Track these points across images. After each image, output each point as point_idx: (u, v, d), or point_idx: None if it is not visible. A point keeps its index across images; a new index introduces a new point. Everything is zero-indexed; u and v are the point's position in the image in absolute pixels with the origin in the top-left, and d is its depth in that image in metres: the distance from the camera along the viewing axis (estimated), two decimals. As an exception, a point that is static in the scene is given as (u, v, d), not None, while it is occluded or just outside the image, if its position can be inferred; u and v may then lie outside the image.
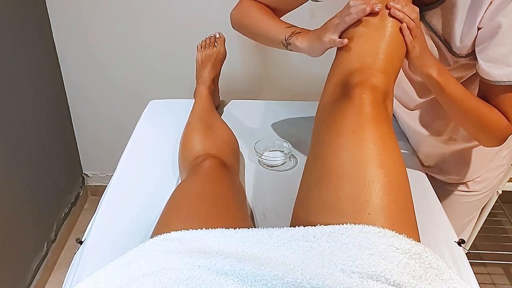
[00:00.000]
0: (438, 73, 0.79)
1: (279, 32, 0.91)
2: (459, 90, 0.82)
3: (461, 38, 0.83)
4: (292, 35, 0.89)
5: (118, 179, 1.06)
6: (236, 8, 1.03)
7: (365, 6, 0.73)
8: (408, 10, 0.74)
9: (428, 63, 0.79)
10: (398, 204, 0.65)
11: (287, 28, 0.91)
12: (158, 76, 1.83)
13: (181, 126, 1.12)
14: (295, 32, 0.89)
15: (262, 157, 1.09)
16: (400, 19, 0.74)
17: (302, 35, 0.88)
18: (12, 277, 1.55)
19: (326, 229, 0.62)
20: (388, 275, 0.56)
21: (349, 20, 0.76)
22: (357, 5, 0.75)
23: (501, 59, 0.78)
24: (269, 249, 0.62)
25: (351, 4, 0.76)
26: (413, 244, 0.60)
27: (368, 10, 0.73)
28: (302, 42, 0.87)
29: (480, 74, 0.82)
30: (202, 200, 0.80)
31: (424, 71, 0.80)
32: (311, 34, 0.86)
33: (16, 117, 1.54)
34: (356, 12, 0.74)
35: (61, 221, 1.91)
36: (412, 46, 0.76)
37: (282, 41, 0.91)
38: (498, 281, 1.81)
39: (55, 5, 1.66)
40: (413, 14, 0.74)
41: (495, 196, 1.50)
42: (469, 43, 0.83)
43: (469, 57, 0.85)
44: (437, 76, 0.79)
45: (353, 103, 0.70)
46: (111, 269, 0.63)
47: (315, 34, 0.85)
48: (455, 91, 0.81)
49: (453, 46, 0.85)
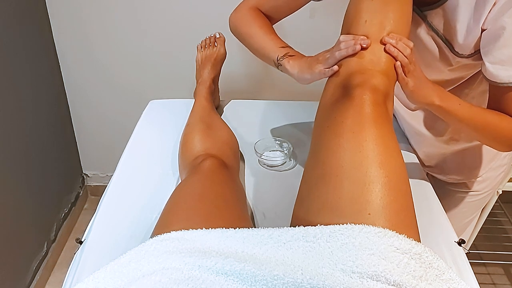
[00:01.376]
0: (439, 99, 0.79)
1: (272, 50, 0.91)
2: (464, 109, 0.81)
3: (464, 38, 0.82)
4: (284, 57, 0.89)
5: (118, 179, 1.06)
6: (235, 13, 1.02)
7: (353, 43, 0.74)
8: (401, 46, 0.73)
9: (427, 92, 0.79)
10: (398, 204, 0.65)
11: (281, 48, 0.90)
12: (158, 76, 1.83)
13: (181, 126, 1.12)
14: (288, 54, 0.89)
15: (262, 157, 1.09)
16: (394, 56, 0.73)
17: (294, 59, 0.88)
18: (12, 277, 1.55)
19: (326, 229, 0.62)
20: (388, 275, 0.56)
21: (338, 56, 0.76)
22: (347, 40, 0.75)
23: (508, 60, 0.77)
24: (269, 249, 0.62)
25: (341, 40, 0.77)
26: (413, 244, 0.60)
27: (358, 48, 0.74)
28: (292, 67, 0.87)
29: (487, 77, 0.81)
30: (202, 200, 0.80)
31: (424, 101, 0.79)
32: (302, 62, 0.86)
33: (16, 117, 1.54)
34: (345, 49, 0.75)
35: (61, 221, 1.91)
36: (405, 83, 0.76)
37: (274, 60, 0.90)
38: (498, 281, 1.81)
39: (55, 5, 1.66)
40: (406, 50, 0.74)
41: (495, 196, 1.50)
42: (472, 44, 0.82)
43: (472, 57, 0.85)
44: (440, 102, 0.79)
45: (353, 104, 0.70)
46: (111, 269, 0.63)
47: (306, 62, 0.85)
48: (461, 111, 0.81)
49: (455, 46, 0.85)
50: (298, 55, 0.89)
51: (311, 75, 0.83)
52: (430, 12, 0.85)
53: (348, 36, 0.76)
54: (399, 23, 0.76)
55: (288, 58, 0.88)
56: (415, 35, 0.89)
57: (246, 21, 0.98)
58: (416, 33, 0.89)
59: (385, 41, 0.74)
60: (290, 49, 0.91)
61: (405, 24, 0.78)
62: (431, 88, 0.79)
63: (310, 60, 0.84)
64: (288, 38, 0.96)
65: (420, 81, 0.78)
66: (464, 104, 0.81)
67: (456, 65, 0.89)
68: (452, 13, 0.81)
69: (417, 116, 1.08)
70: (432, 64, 0.91)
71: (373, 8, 0.77)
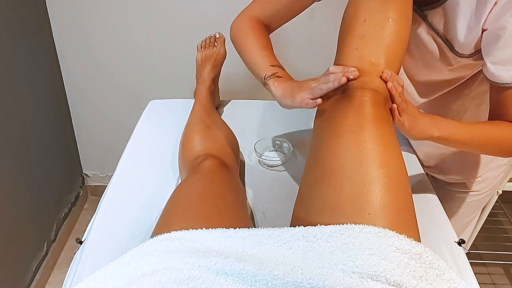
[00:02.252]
0: (437, 130, 0.78)
1: (262, 68, 0.88)
2: (464, 131, 0.80)
3: (464, 38, 0.82)
4: (272, 77, 0.86)
5: (118, 179, 1.06)
6: (236, 21, 1.00)
7: (341, 75, 0.72)
8: (395, 84, 0.72)
9: (423, 127, 0.77)
10: (398, 204, 0.65)
11: (271, 67, 0.88)
12: (158, 76, 1.83)
13: (181, 126, 1.12)
14: (276, 74, 0.86)
15: (262, 157, 1.09)
16: (393, 95, 0.72)
17: (280, 81, 0.85)
18: (12, 277, 1.55)
19: (327, 229, 0.62)
20: (388, 275, 0.56)
21: (325, 88, 0.74)
22: (336, 73, 0.73)
23: (509, 60, 0.77)
24: (269, 249, 0.62)
25: (331, 71, 0.75)
26: (413, 244, 0.60)
27: (344, 81, 0.72)
28: (276, 89, 0.84)
29: (488, 77, 0.80)
30: (202, 200, 0.80)
31: (422, 136, 0.78)
32: (287, 86, 0.83)
33: (16, 117, 1.54)
34: (332, 81, 0.73)
35: (61, 221, 1.91)
36: (401, 124, 0.74)
37: (261, 78, 0.88)
38: (498, 281, 1.81)
39: (55, 5, 1.66)
40: (398, 89, 0.73)
41: (495, 196, 1.50)
42: (472, 43, 0.82)
43: (472, 57, 0.85)
44: (439, 133, 0.78)
45: (353, 104, 0.70)
46: (111, 269, 0.63)
47: (290, 87, 0.82)
48: (461, 135, 0.80)
49: (456, 46, 0.85)
50: (286, 77, 0.86)
51: (292, 102, 0.80)
52: (430, 11, 0.85)
53: (338, 68, 0.74)
54: (399, 22, 0.75)
55: (275, 79, 0.85)
56: (415, 34, 0.89)
57: (244, 31, 0.96)
58: (416, 33, 0.89)
59: (386, 78, 0.72)
60: (280, 69, 0.88)
61: (405, 24, 0.77)
62: (426, 121, 0.78)
63: (295, 86, 0.81)
64: (288, 38, 0.96)
65: (414, 117, 0.76)
66: (461, 126, 0.80)
67: (456, 65, 0.89)
68: (452, 13, 0.81)
69: None
70: (432, 64, 0.91)
71: (372, 8, 0.76)
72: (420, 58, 0.92)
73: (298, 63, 1.74)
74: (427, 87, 0.99)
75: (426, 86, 0.99)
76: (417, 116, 0.77)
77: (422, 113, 0.79)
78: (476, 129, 0.81)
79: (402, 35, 0.76)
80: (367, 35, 0.75)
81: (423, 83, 0.98)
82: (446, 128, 0.79)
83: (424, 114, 0.79)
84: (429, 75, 0.95)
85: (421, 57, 0.92)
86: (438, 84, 0.97)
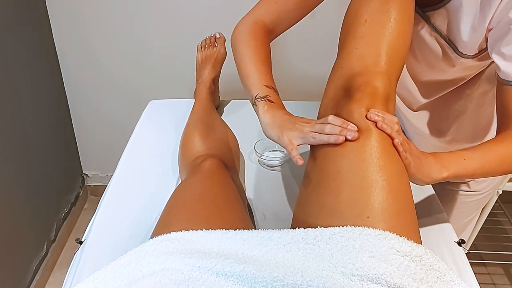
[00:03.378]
0: (445, 170, 0.72)
1: (255, 85, 0.82)
2: (473, 160, 0.75)
3: (468, 38, 0.81)
4: (263, 99, 0.80)
5: (118, 179, 1.06)
6: (238, 27, 0.93)
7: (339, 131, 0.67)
8: (389, 123, 0.68)
9: (429, 171, 0.72)
10: (398, 207, 0.64)
11: (264, 87, 0.82)
12: (158, 76, 1.82)
13: (181, 126, 1.12)
14: (267, 97, 0.80)
15: (262, 157, 1.09)
16: (388, 133, 0.67)
17: (270, 108, 0.79)
18: (12, 277, 1.55)
19: (326, 231, 0.62)
20: (388, 278, 0.55)
21: (318, 139, 0.69)
22: (334, 125, 0.68)
23: None
24: (269, 251, 0.62)
25: (330, 121, 0.69)
26: (414, 247, 0.60)
27: (341, 140, 0.67)
28: (264, 115, 0.78)
29: (502, 76, 0.77)
30: (202, 200, 0.80)
31: (430, 181, 0.73)
32: (277, 116, 0.77)
33: (16, 117, 1.54)
34: (328, 137, 0.68)
35: (61, 221, 1.91)
36: (408, 163, 0.69)
37: (252, 96, 0.82)
38: (498, 281, 1.81)
39: (55, 5, 1.66)
40: (395, 127, 0.68)
41: (495, 196, 1.50)
42: (477, 44, 0.81)
43: (477, 58, 0.84)
44: (447, 173, 0.72)
45: (354, 107, 0.70)
46: (111, 270, 0.63)
47: (280, 119, 0.76)
48: (471, 165, 0.74)
49: (459, 47, 0.84)
50: (278, 104, 0.80)
51: (278, 138, 0.75)
52: (433, 12, 0.84)
53: (337, 120, 0.69)
54: (401, 22, 0.75)
55: (265, 102, 0.80)
56: (418, 36, 0.88)
57: (245, 39, 0.90)
58: (419, 34, 0.88)
59: (371, 118, 0.67)
60: (273, 92, 0.82)
61: (406, 24, 0.76)
62: (432, 162, 0.72)
63: (286, 120, 0.76)
64: (288, 38, 0.96)
65: (419, 159, 0.71)
66: (468, 154, 0.75)
67: (459, 66, 0.88)
68: (455, 13, 0.80)
69: (419, 117, 1.08)
70: (435, 65, 0.91)
71: (373, 8, 0.75)
72: (423, 59, 0.92)
73: (298, 64, 1.75)
74: (430, 87, 0.99)
75: (428, 86, 0.99)
76: (421, 157, 0.72)
77: (426, 153, 0.73)
78: (484, 152, 0.76)
79: (404, 35, 0.76)
80: (368, 34, 0.75)
81: (426, 83, 0.98)
82: (453, 164, 0.73)
83: (427, 154, 0.73)
84: (432, 76, 0.95)
85: (423, 58, 0.92)
86: (441, 84, 0.97)
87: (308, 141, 0.71)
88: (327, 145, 0.70)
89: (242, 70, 0.87)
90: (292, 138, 0.73)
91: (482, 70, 0.92)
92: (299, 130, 0.73)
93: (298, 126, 0.73)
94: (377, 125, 0.67)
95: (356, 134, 0.67)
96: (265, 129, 0.78)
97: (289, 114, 0.78)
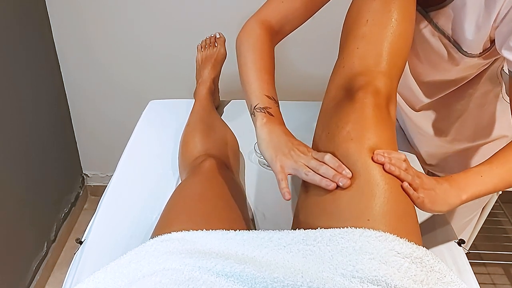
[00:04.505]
0: (463, 192, 0.70)
1: (255, 94, 0.79)
2: (493, 175, 0.71)
3: (472, 37, 0.80)
4: (263, 110, 0.77)
5: (118, 179, 1.06)
6: (244, 29, 0.90)
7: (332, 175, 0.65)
8: (396, 162, 0.66)
9: (447, 198, 0.69)
10: (399, 211, 0.64)
11: (265, 97, 0.78)
12: (158, 76, 1.82)
13: (181, 126, 1.12)
14: (268, 109, 0.77)
15: (262, 157, 1.09)
16: (396, 175, 0.65)
17: (270, 122, 0.75)
18: (12, 277, 1.55)
19: (327, 232, 0.62)
20: (389, 279, 0.55)
21: (310, 177, 0.67)
22: (328, 167, 0.66)
23: None
24: (269, 252, 0.62)
25: (326, 161, 0.67)
26: (414, 248, 0.60)
27: (332, 187, 0.65)
28: (262, 128, 0.75)
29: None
30: (202, 200, 0.80)
31: (450, 208, 0.70)
32: (275, 134, 0.74)
33: (16, 117, 1.54)
34: (320, 179, 0.66)
35: (61, 221, 1.91)
36: (421, 201, 0.67)
37: (251, 105, 0.78)
38: (498, 281, 1.81)
39: (55, 5, 1.66)
40: (402, 165, 0.66)
41: (495, 196, 1.49)
42: (481, 42, 0.81)
43: (482, 56, 0.84)
44: (466, 195, 0.70)
45: (355, 107, 0.70)
46: (111, 270, 0.63)
47: (277, 139, 0.73)
48: (492, 180, 0.71)
49: (464, 46, 0.83)
50: (278, 118, 0.77)
51: (270, 161, 0.72)
52: (436, 12, 0.84)
53: (333, 161, 0.67)
54: (402, 23, 0.75)
55: (265, 114, 0.76)
56: (421, 36, 0.88)
57: (249, 41, 0.86)
58: (422, 34, 0.88)
59: (377, 160, 0.65)
60: (274, 104, 0.79)
61: (408, 24, 0.76)
62: (447, 188, 0.69)
63: (283, 143, 0.72)
64: (289, 38, 0.96)
65: (434, 190, 0.68)
66: (485, 169, 0.72)
67: (463, 65, 0.88)
68: (459, 13, 0.80)
69: (421, 116, 1.08)
70: (438, 65, 0.91)
71: (375, 8, 0.75)
72: (426, 59, 0.92)
73: (298, 63, 1.75)
74: (433, 87, 0.99)
75: (431, 86, 0.99)
76: (436, 187, 0.69)
77: (440, 180, 0.70)
78: (502, 164, 0.72)
79: (405, 35, 0.76)
80: (369, 35, 0.75)
81: (428, 83, 0.98)
82: (471, 185, 0.70)
83: (441, 181, 0.70)
84: (435, 76, 0.95)
85: (427, 58, 0.91)
86: (444, 84, 0.97)
87: (300, 175, 0.69)
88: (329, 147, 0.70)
89: (243, 75, 0.84)
90: (285, 165, 0.70)
91: (485, 69, 0.92)
92: (293, 159, 0.70)
93: (294, 155, 0.71)
94: (384, 167, 0.65)
95: (349, 182, 0.65)
96: (260, 144, 0.75)
97: (288, 133, 0.75)
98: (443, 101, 1.01)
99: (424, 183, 0.68)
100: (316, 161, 0.68)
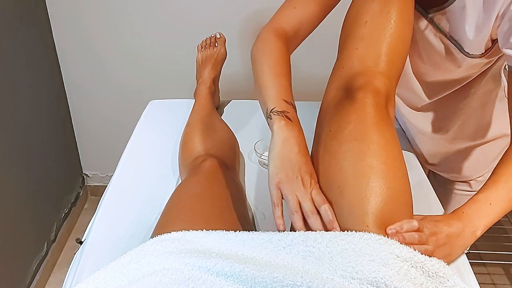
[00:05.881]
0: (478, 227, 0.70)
1: (272, 99, 0.77)
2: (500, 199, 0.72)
3: (473, 38, 0.80)
4: (281, 114, 0.75)
5: (118, 179, 1.06)
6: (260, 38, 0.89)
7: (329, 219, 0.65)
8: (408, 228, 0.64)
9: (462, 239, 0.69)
10: (399, 217, 0.64)
11: (283, 101, 0.77)
12: (158, 76, 1.83)
13: (181, 126, 1.12)
14: (285, 113, 0.75)
15: (262, 157, 1.09)
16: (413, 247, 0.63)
17: (288, 125, 0.74)
18: (12, 277, 1.55)
19: (327, 234, 0.62)
20: (388, 281, 0.55)
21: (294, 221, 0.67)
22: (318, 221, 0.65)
23: None
24: (269, 253, 0.62)
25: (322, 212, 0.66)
26: (415, 253, 0.60)
27: None
28: (281, 131, 0.73)
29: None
30: (202, 200, 0.80)
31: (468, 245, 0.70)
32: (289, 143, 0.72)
33: (16, 117, 1.54)
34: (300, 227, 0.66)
35: (61, 221, 1.91)
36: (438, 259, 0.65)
37: (268, 109, 0.77)
38: (498, 281, 1.81)
39: (55, 5, 1.66)
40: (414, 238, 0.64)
41: (495, 196, 1.49)
42: (483, 43, 0.81)
43: (484, 57, 0.84)
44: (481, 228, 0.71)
45: (355, 107, 0.70)
46: (111, 269, 0.63)
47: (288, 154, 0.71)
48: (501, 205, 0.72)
49: (465, 47, 0.83)
50: (296, 123, 0.76)
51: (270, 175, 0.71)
52: (437, 13, 0.84)
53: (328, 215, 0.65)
54: (401, 24, 0.75)
55: (282, 117, 0.75)
56: (423, 37, 0.88)
57: (265, 47, 0.85)
58: (424, 35, 0.88)
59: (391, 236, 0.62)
60: (292, 108, 0.77)
61: (406, 26, 0.76)
62: (460, 228, 0.69)
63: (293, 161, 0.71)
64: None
65: (449, 239, 0.68)
66: (491, 196, 0.72)
67: (465, 66, 0.88)
68: (459, 14, 0.80)
69: (421, 116, 1.08)
70: (441, 65, 0.90)
71: (374, 10, 0.76)
72: (429, 59, 0.92)
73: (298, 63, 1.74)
74: (435, 87, 0.99)
75: (434, 86, 0.99)
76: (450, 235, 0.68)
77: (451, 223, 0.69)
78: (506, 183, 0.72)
79: (404, 37, 0.76)
80: (367, 36, 0.75)
81: (432, 83, 0.98)
82: (482, 216, 0.71)
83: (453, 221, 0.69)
84: (438, 76, 0.95)
85: (429, 58, 0.91)
86: (446, 84, 0.97)
87: (289, 210, 0.68)
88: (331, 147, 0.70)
89: (259, 80, 0.82)
90: (282, 187, 0.69)
91: (488, 68, 0.92)
92: (292, 188, 0.69)
93: (295, 183, 0.69)
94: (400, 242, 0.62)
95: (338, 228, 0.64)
96: (271, 150, 0.73)
97: (301, 150, 0.73)
98: (445, 101, 1.01)
99: (437, 239, 0.67)
100: (311, 204, 0.67)
